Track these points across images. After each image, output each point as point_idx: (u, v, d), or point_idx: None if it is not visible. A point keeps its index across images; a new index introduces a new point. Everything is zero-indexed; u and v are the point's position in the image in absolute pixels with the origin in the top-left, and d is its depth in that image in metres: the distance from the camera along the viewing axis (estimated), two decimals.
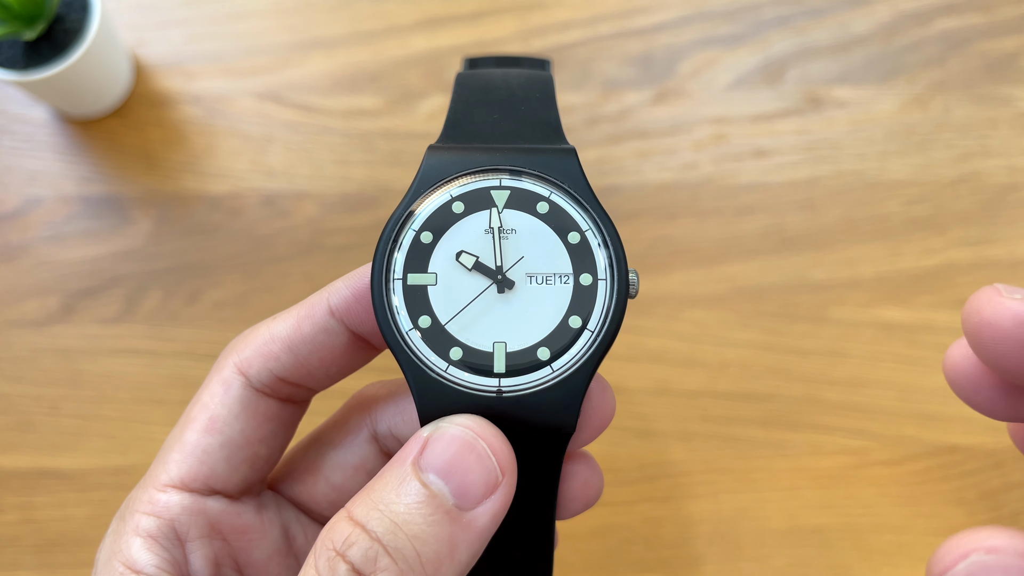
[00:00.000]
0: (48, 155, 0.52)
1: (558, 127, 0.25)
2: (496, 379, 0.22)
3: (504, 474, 0.21)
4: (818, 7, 0.54)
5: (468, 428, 0.21)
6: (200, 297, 0.50)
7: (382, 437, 0.27)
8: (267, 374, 0.25)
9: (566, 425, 0.22)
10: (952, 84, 0.53)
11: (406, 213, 0.23)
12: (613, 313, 0.23)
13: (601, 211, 0.23)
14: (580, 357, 0.22)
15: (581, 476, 0.26)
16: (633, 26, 0.54)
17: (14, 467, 0.48)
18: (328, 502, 0.28)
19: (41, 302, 0.50)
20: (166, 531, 0.24)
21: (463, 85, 0.27)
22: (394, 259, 0.23)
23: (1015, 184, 0.52)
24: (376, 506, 0.20)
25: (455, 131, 0.25)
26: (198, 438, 0.25)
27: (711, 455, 0.48)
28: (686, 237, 0.51)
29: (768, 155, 0.52)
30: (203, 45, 0.54)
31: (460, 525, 0.20)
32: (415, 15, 0.54)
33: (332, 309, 0.25)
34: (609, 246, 0.23)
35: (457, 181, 0.24)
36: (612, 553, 0.47)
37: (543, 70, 0.29)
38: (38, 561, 0.47)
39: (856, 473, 0.48)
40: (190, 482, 0.25)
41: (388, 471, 0.21)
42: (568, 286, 0.23)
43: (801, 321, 0.50)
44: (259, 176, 0.52)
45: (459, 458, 0.21)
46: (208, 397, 0.25)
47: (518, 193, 0.23)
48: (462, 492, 0.21)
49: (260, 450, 0.26)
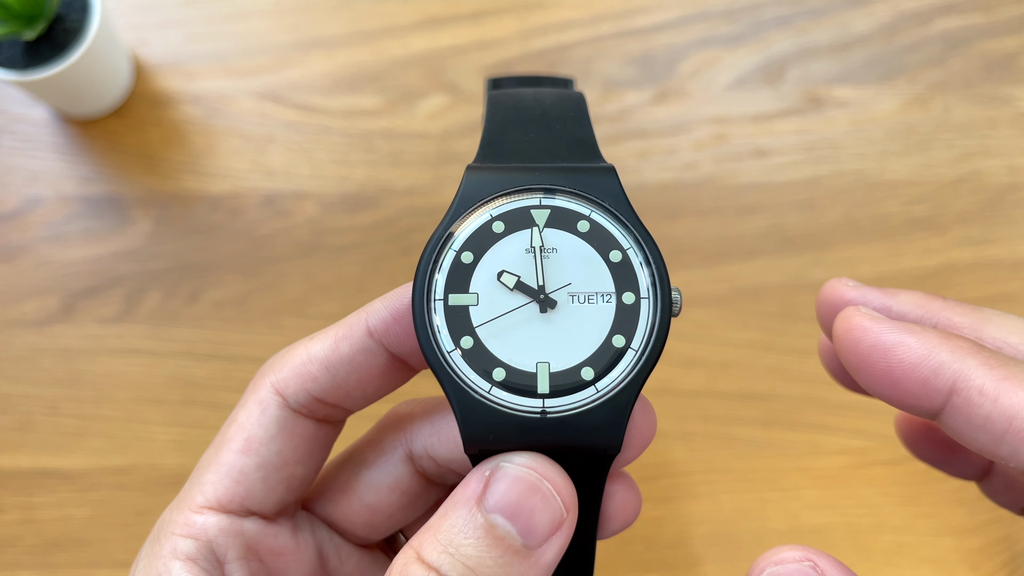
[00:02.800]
0: (48, 155, 0.52)
1: (594, 145, 0.25)
2: (540, 400, 0.22)
3: (568, 511, 0.22)
4: (818, 7, 0.54)
5: (532, 469, 0.22)
6: (200, 297, 0.50)
7: (417, 457, 0.27)
8: (304, 395, 0.25)
9: (611, 446, 0.22)
10: (952, 84, 0.53)
11: (446, 234, 0.23)
12: (657, 332, 0.23)
13: (643, 229, 0.23)
14: (624, 377, 0.22)
15: (620, 496, 0.26)
16: (633, 26, 0.54)
17: (14, 467, 0.48)
18: (362, 522, 0.28)
19: (41, 302, 0.50)
20: (205, 553, 0.24)
21: (496, 104, 0.27)
22: (435, 280, 0.23)
23: (1015, 184, 0.52)
24: (447, 548, 0.21)
25: (491, 151, 0.25)
26: (234, 459, 0.25)
27: (711, 455, 0.48)
28: (686, 237, 0.51)
29: (768, 155, 0.52)
30: (203, 45, 0.54)
31: (529, 563, 0.21)
32: (415, 15, 0.54)
33: (371, 330, 0.25)
34: (652, 264, 0.23)
35: (497, 201, 0.23)
36: (612, 553, 0.47)
37: (572, 88, 0.29)
38: (38, 561, 0.47)
39: (856, 473, 0.48)
40: (227, 503, 0.25)
41: (452, 510, 0.21)
42: (611, 305, 0.23)
43: (801, 321, 0.50)
44: (259, 176, 0.52)
45: (525, 499, 0.21)
46: (244, 417, 0.25)
47: (559, 212, 0.23)
48: (529, 531, 0.21)
49: (296, 471, 0.26)
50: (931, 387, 0.20)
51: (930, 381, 0.20)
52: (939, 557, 0.47)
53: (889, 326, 0.21)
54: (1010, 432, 0.19)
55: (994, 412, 0.19)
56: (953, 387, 0.20)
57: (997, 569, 0.47)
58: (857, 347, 0.21)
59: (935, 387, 0.20)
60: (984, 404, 0.19)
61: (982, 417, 0.19)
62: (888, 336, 0.21)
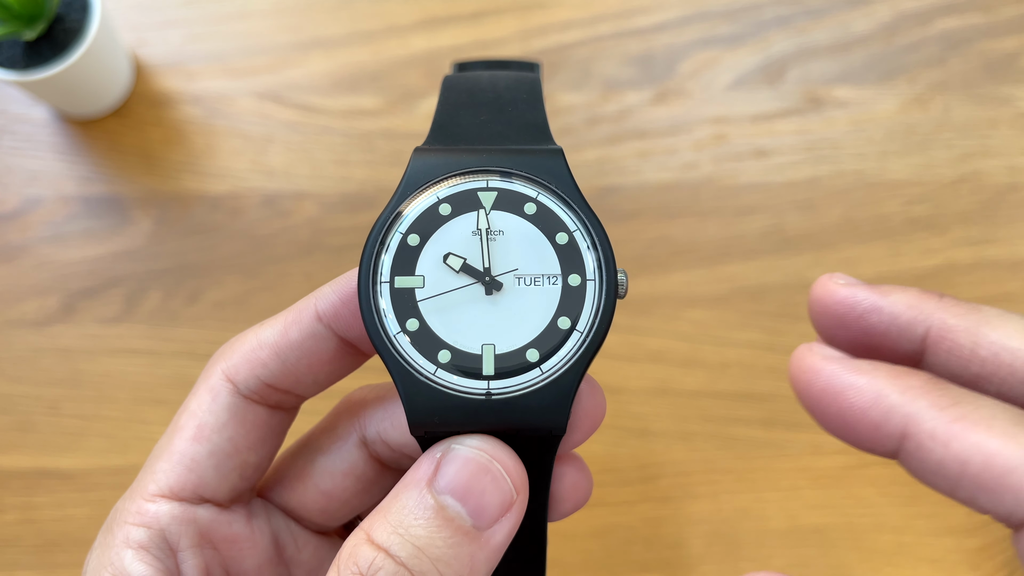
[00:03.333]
0: (48, 155, 0.52)
1: (545, 128, 0.25)
2: (485, 381, 0.22)
3: (519, 493, 0.22)
4: (818, 7, 0.54)
5: (482, 450, 0.22)
6: (200, 297, 0.50)
7: (371, 442, 0.27)
8: (255, 381, 0.25)
9: (556, 427, 0.22)
10: (952, 84, 0.53)
11: (393, 215, 0.23)
12: (602, 314, 0.23)
13: (589, 212, 0.23)
14: (570, 358, 0.22)
15: (570, 478, 0.26)
16: (633, 26, 0.54)
17: (14, 467, 0.48)
18: (318, 508, 0.28)
19: (41, 302, 0.50)
20: (157, 541, 0.24)
21: (450, 88, 0.27)
22: (381, 262, 0.23)
23: (1015, 184, 0.52)
24: (396, 529, 0.21)
25: (442, 133, 0.25)
26: (186, 446, 0.25)
27: (711, 455, 0.48)
28: (686, 237, 0.51)
29: (768, 155, 0.52)
30: (203, 45, 0.54)
31: (478, 544, 0.21)
32: (415, 15, 0.54)
33: (320, 314, 0.25)
34: (598, 247, 0.23)
35: (444, 183, 0.23)
36: (612, 553, 0.47)
37: (531, 72, 0.29)
38: (38, 561, 0.47)
39: (856, 473, 0.48)
40: (179, 491, 0.25)
41: (403, 492, 0.21)
42: (556, 287, 0.23)
43: (801, 321, 0.50)
44: (259, 176, 0.52)
45: (475, 480, 0.21)
46: (196, 405, 0.25)
47: (505, 194, 0.23)
48: (479, 513, 0.21)
49: (249, 458, 0.26)
50: (883, 431, 0.19)
51: (881, 425, 0.19)
52: (939, 557, 0.47)
53: (840, 366, 0.20)
54: (965, 478, 0.18)
55: (946, 457, 0.18)
56: (904, 431, 0.19)
57: (997, 569, 0.47)
58: (809, 390, 0.20)
59: (887, 431, 0.19)
60: (936, 449, 0.18)
61: (935, 463, 0.18)
62: (839, 378, 0.20)
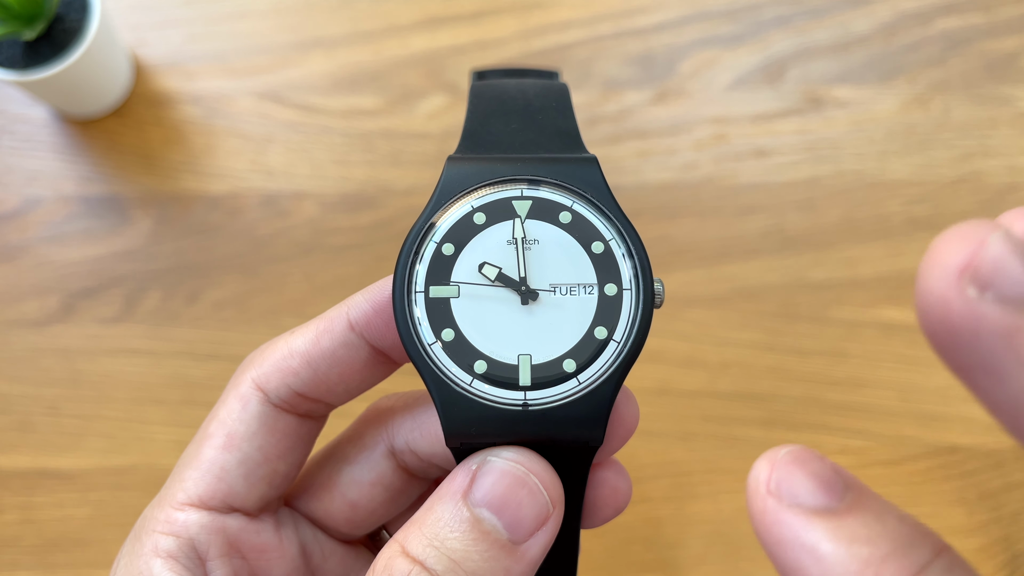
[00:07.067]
0: (48, 155, 0.52)
1: (577, 136, 0.25)
2: (522, 392, 0.22)
3: (555, 506, 0.22)
4: (818, 7, 0.54)
5: (518, 463, 0.21)
6: (200, 297, 0.50)
7: (399, 452, 0.27)
8: (285, 390, 0.25)
9: (593, 438, 0.22)
10: (952, 84, 0.53)
11: (427, 225, 0.23)
12: (639, 323, 0.22)
13: (625, 220, 0.23)
14: (607, 369, 0.22)
15: (609, 483, 0.25)
16: (633, 26, 0.54)
17: (14, 467, 0.48)
18: (345, 518, 0.27)
19: (41, 302, 0.50)
20: (186, 550, 0.24)
21: (479, 95, 0.26)
22: (415, 271, 0.22)
23: (1015, 184, 0.52)
24: (431, 542, 0.20)
25: (473, 141, 0.25)
26: (216, 455, 0.25)
27: (711, 455, 0.48)
28: (686, 237, 0.51)
29: (768, 155, 0.52)
30: (203, 45, 0.53)
31: (514, 558, 0.21)
32: (415, 15, 0.54)
33: (352, 323, 0.24)
34: (634, 255, 0.23)
35: (478, 192, 0.23)
36: (612, 553, 0.47)
37: (553, 80, 0.28)
38: (38, 561, 0.47)
39: (856, 473, 0.48)
40: (208, 500, 0.24)
41: (438, 503, 0.21)
42: (593, 297, 0.22)
43: (801, 321, 0.50)
44: (259, 176, 0.52)
45: (511, 493, 0.21)
46: (225, 413, 0.25)
47: (540, 203, 0.23)
48: (515, 526, 0.21)
49: (278, 467, 0.25)
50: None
51: None
52: None
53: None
54: None
55: None
56: None
57: (997, 569, 0.47)
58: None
59: None
60: None
61: None
62: None
